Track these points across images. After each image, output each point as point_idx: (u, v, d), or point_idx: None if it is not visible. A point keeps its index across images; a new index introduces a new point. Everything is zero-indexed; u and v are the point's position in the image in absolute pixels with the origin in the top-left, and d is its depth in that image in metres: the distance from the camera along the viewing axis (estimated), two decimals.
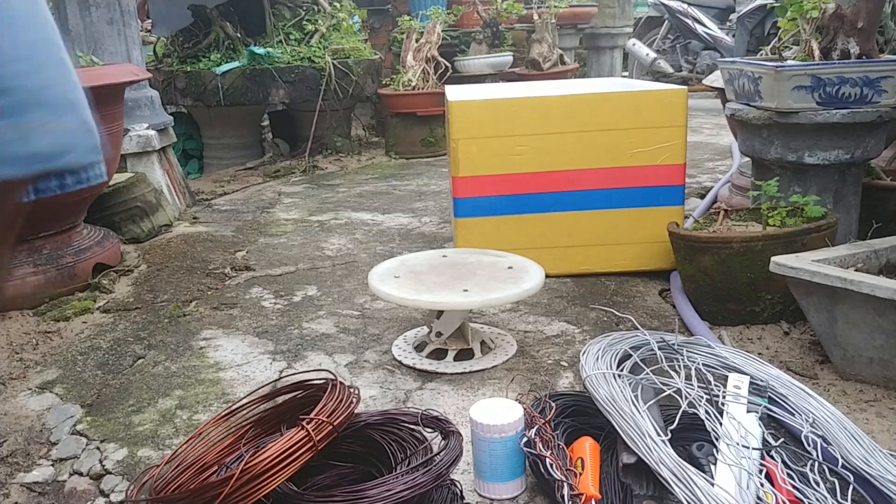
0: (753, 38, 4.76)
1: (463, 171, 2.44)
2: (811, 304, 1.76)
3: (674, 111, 2.39)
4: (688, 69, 6.97)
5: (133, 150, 3.33)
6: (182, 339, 2.17)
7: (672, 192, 2.45)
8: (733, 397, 1.40)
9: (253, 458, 1.17)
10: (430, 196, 3.87)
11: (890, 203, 2.30)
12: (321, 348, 2.06)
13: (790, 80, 2.04)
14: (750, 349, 1.93)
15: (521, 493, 1.38)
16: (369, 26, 6.03)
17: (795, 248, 1.93)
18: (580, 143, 2.41)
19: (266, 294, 2.50)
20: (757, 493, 1.20)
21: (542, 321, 2.18)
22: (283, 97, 4.69)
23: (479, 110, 2.43)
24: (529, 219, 2.47)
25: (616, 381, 1.42)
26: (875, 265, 1.87)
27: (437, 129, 4.97)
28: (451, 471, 1.27)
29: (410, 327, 2.17)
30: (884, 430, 1.55)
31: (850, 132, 2.09)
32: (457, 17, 5.71)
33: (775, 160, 2.21)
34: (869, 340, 1.68)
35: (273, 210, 3.73)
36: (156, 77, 4.65)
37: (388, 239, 3.11)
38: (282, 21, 4.93)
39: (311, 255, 2.92)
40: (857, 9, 2.16)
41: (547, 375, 1.85)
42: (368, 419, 1.41)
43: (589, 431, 1.46)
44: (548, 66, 5.95)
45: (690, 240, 2.10)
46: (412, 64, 4.93)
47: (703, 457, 1.29)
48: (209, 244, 3.05)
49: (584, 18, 7.27)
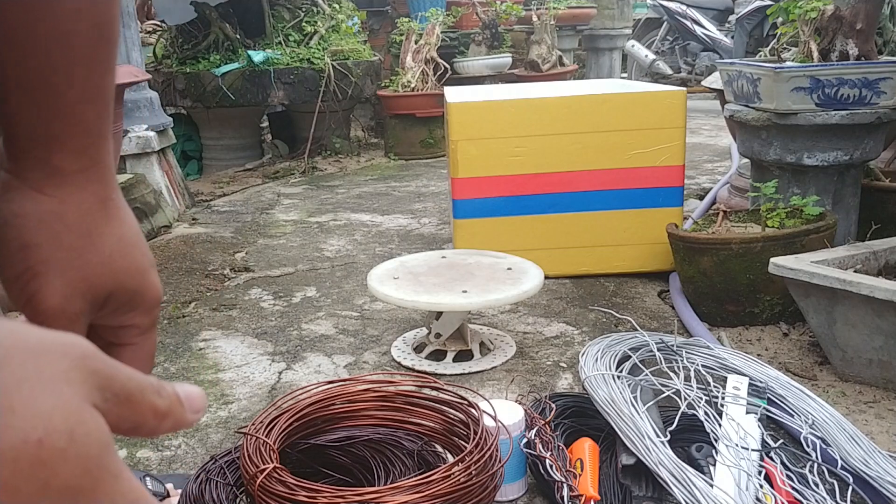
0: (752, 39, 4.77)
1: (462, 172, 2.44)
2: (810, 306, 1.76)
3: (673, 112, 2.39)
4: (687, 71, 6.98)
5: (132, 151, 3.33)
6: (181, 340, 2.17)
7: (671, 193, 2.45)
8: (732, 398, 1.40)
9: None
10: (430, 197, 3.87)
11: (889, 204, 2.30)
12: (320, 349, 2.06)
13: (789, 82, 2.05)
14: (749, 350, 1.93)
15: (521, 495, 1.38)
16: (368, 28, 6.03)
17: (794, 249, 1.93)
18: (579, 144, 2.41)
19: (265, 295, 2.50)
20: (756, 495, 1.20)
21: (542, 322, 2.18)
22: (282, 98, 4.69)
23: (478, 112, 2.43)
24: (528, 220, 2.47)
25: (615, 383, 1.42)
26: (874, 266, 1.88)
27: (437, 130, 4.97)
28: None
29: (409, 328, 2.17)
30: (883, 431, 1.55)
31: (848, 133, 2.09)
32: (456, 18, 5.72)
33: (774, 161, 2.22)
34: (868, 342, 1.68)
35: (272, 211, 3.73)
36: (155, 78, 4.65)
37: (388, 240, 3.11)
38: (281, 22, 4.94)
39: (310, 257, 2.92)
40: (855, 10, 2.16)
41: (546, 376, 1.85)
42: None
43: (588, 432, 1.46)
44: (547, 68, 5.96)
45: (689, 241, 2.10)
46: (411, 65, 4.94)
47: (702, 458, 1.29)
48: (208, 245, 3.05)
49: (583, 20, 7.28)
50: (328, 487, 1.09)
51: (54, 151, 0.42)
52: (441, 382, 1.36)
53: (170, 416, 0.29)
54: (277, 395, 1.76)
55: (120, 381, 0.27)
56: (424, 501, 1.04)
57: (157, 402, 0.29)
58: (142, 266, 0.45)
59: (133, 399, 0.27)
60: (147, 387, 0.28)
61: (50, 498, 0.23)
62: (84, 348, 0.26)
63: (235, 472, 1.28)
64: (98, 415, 0.25)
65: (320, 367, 1.95)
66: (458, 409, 1.30)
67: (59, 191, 0.42)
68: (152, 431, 0.29)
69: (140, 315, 0.45)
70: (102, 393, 0.26)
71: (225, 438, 1.62)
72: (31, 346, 0.24)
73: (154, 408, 0.29)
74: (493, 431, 1.24)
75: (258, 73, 4.58)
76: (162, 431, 0.29)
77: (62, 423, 0.23)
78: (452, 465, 1.12)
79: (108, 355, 0.29)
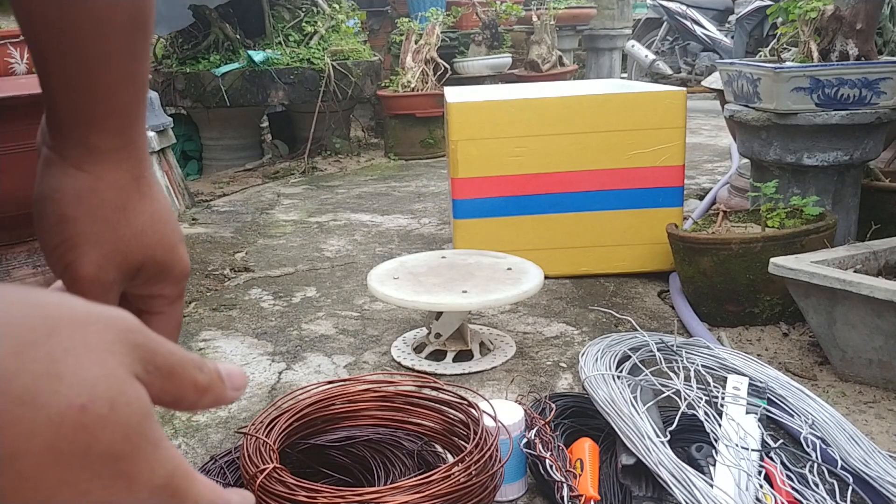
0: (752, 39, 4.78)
1: (462, 172, 2.44)
2: (810, 306, 1.76)
3: (673, 113, 2.39)
4: (687, 71, 6.98)
5: None
6: (181, 340, 2.16)
7: (671, 193, 2.45)
8: (732, 398, 1.40)
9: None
10: (430, 197, 3.87)
11: (889, 204, 2.30)
12: (320, 349, 2.06)
13: (789, 82, 2.05)
14: (749, 350, 1.93)
15: (521, 495, 1.38)
16: (368, 28, 6.03)
17: (794, 249, 1.93)
18: (579, 144, 2.41)
19: (265, 295, 2.50)
20: (756, 495, 1.20)
21: (542, 322, 2.19)
22: (282, 98, 4.69)
23: (478, 112, 2.43)
24: (528, 220, 2.47)
25: (615, 383, 1.42)
26: (874, 266, 1.88)
27: (437, 130, 4.97)
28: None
29: (409, 328, 2.17)
30: (883, 431, 1.55)
31: (848, 134, 2.09)
32: (456, 18, 5.71)
33: (774, 161, 2.22)
34: (868, 342, 1.68)
35: (272, 211, 3.73)
36: (155, 78, 4.65)
37: (388, 240, 3.11)
38: (281, 23, 4.94)
39: (310, 257, 2.92)
40: (855, 10, 2.17)
41: (546, 377, 1.85)
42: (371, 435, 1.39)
43: (588, 432, 1.46)
44: (547, 68, 5.96)
45: (689, 241, 2.10)
46: (411, 65, 4.94)
47: (702, 458, 1.29)
48: (208, 245, 3.05)
49: (583, 20, 7.28)
50: (328, 487, 1.09)
51: (93, 132, 0.44)
52: (441, 382, 1.36)
53: (210, 391, 0.31)
54: (277, 395, 1.76)
55: (162, 355, 0.28)
56: (424, 501, 1.04)
57: (197, 377, 0.30)
58: (171, 241, 0.48)
59: (174, 373, 0.29)
60: (188, 362, 0.30)
61: (91, 462, 0.24)
62: (128, 322, 0.27)
63: (235, 472, 1.28)
64: (140, 385, 0.26)
65: (320, 368, 1.95)
66: (458, 409, 1.30)
67: (97, 168, 0.45)
68: (192, 405, 0.30)
69: (169, 286, 0.49)
70: (145, 365, 0.27)
71: (225, 438, 1.62)
72: (79, 318, 0.26)
73: (195, 382, 0.30)
74: (493, 431, 1.24)
75: (258, 74, 4.58)
76: (202, 406, 0.31)
77: (105, 392, 0.25)
78: (452, 465, 1.11)
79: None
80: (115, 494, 0.25)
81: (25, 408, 0.23)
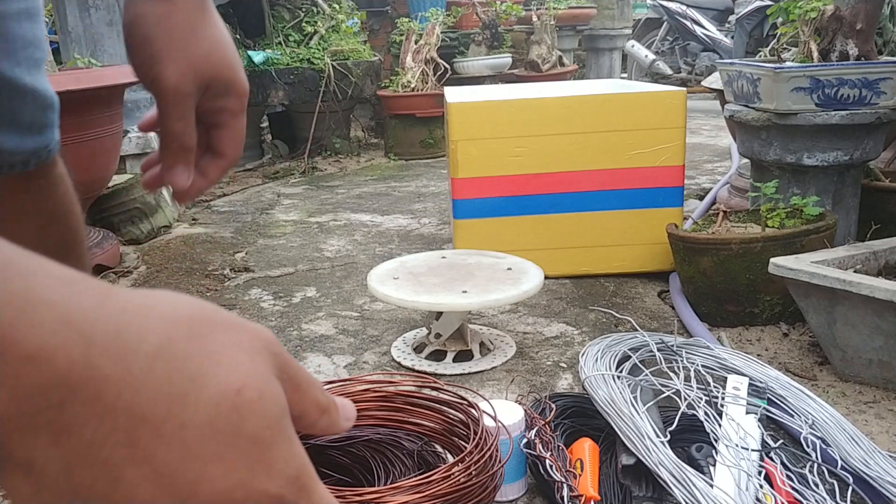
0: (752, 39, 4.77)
1: (462, 172, 2.44)
2: (810, 306, 1.76)
3: (673, 113, 2.39)
4: (687, 71, 6.98)
5: (132, 151, 3.33)
6: None
7: (671, 193, 2.45)
8: (732, 399, 1.40)
9: None
10: (429, 197, 3.87)
11: (889, 204, 2.30)
12: (320, 349, 2.06)
13: (789, 82, 2.05)
14: (749, 350, 1.93)
15: (521, 495, 1.38)
16: (368, 28, 6.03)
17: (794, 249, 1.93)
18: (579, 144, 2.41)
19: (265, 295, 2.50)
20: (756, 495, 1.20)
21: (542, 322, 2.19)
22: (282, 98, 4.69)
23: (477, 112, 2.43)
24: (528, 220, 2.47)
25: (615, 383, 1.42)
26: (874, 266, 1.88)
27: (437, 130, 4.97)
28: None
29: (409, 329, 2.17)
30: (883, 431, 1.56)
31: (848, 134, 2.09)
32: (456, 18, 5.71)
33: (774, 161, 2.22)
34: (868, 342, 1.68)
35: (272, 211, 3.73)
36: None
37: (388, 240, 3.11)
38: (281, 23, 4.94)
39: (310, 257, 2.92)
40: (855, 10, 2.17)
41: (546, 377, 1.85)
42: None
43: (588, 433, 1.46)
44: (547, 68, 5.96)
45: (689, 241, 2.10)
46: (411, 65, 4.94)
47: (702, 458, 1.29)
48: (208, 245, 3.05)
49: (583, 20, 7.28)
50: (328, 487, 1.08)
51: None
52: (441, 382, 1.36)
53: (328, 413, 0.33)
54: None
55: (294, 368, 0.31)
56: (424, 501, 1.04)
57: (319, 396, 0.32)
58: (233, 60, 0.59)
59: (301, 387, 0.31)
60: (314, 381, 0.32)
61: (238, 442, 0.26)
62: (269, 334, 0.30)
63: None
64: (280, 385, 0.29)
65: (320, 368, 1.95)
66: (458, 410, 1.30)
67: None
68: (311, 425, 0.32)
69: (233, 100, 0.60)
70: (280, 373, 0.30)
71: None
72: (233, 323, 0.29)
73: (317, 400, 0.32)
74: (493, 432, 1.24)
75: (258, 74, 4.58)
76: (319, 427, 0.33)
77: (255, 382, 0.27)
78: (452, 465, 1.11)
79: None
80: (255, 476, 0.27)
81: (194, 384, 0.26)
